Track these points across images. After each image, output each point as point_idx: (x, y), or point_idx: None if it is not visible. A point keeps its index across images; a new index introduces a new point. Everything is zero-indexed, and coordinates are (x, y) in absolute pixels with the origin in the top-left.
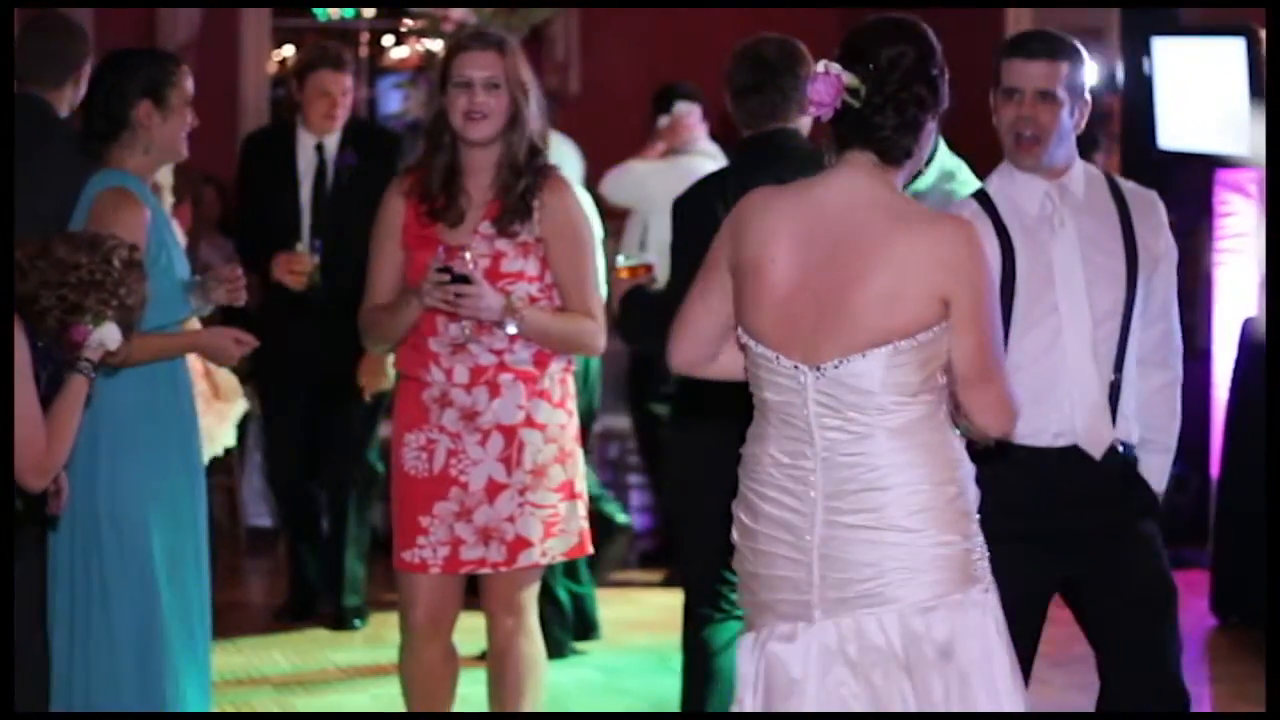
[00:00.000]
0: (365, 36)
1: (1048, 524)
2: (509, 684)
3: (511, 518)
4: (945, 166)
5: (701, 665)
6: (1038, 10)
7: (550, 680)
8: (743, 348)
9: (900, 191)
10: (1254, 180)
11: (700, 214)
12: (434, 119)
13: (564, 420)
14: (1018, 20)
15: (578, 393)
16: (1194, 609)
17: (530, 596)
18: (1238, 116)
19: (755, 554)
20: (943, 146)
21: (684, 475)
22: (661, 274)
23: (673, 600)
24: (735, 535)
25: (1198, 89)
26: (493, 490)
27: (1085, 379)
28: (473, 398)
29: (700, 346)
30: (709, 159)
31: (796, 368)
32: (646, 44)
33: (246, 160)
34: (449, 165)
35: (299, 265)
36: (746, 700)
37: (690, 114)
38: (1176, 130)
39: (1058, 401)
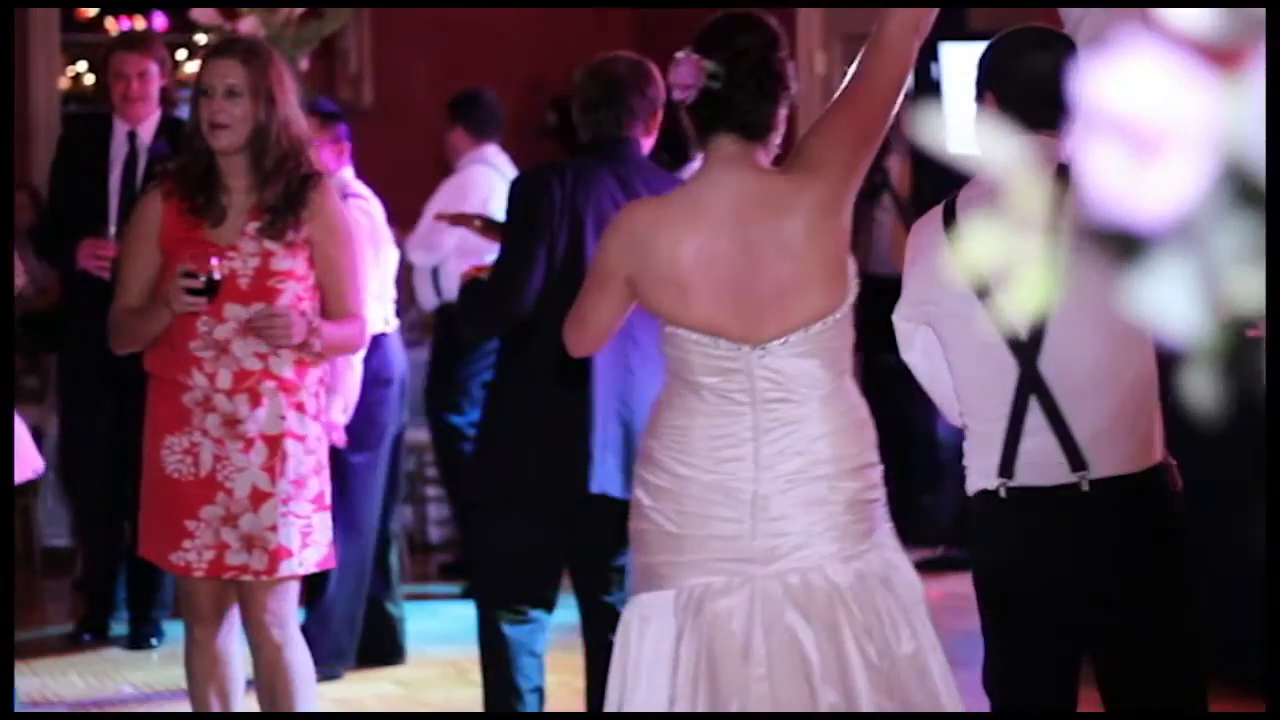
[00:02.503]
0: None
1: None
2: (284, 697)
3: (274, 527)
4: None
5: (501, 662)
6: (829, 10)
7: (347, 695)
8: (668, 338)
9: (763, 165)
10: None
11: (536, 194)
12: (191, 124)
13: (319, 433)
14: (809, 21)
15: (396, 408)
16: None
17: (293, 607)
18: None
19: (681, 514)
20: None
21: (486, 486)
22: None
23: (471, 612)
24: (645, 499)
25: None
26: (257, 498)
27: None
28: (234, 405)
29: (602, 341)
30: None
31: (739, 348)
32: (440, 52)
33: (61, 146)
34: (204, 168)
35: (104, 251)
36: (663, 654)
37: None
38: (966, 135)
39: None
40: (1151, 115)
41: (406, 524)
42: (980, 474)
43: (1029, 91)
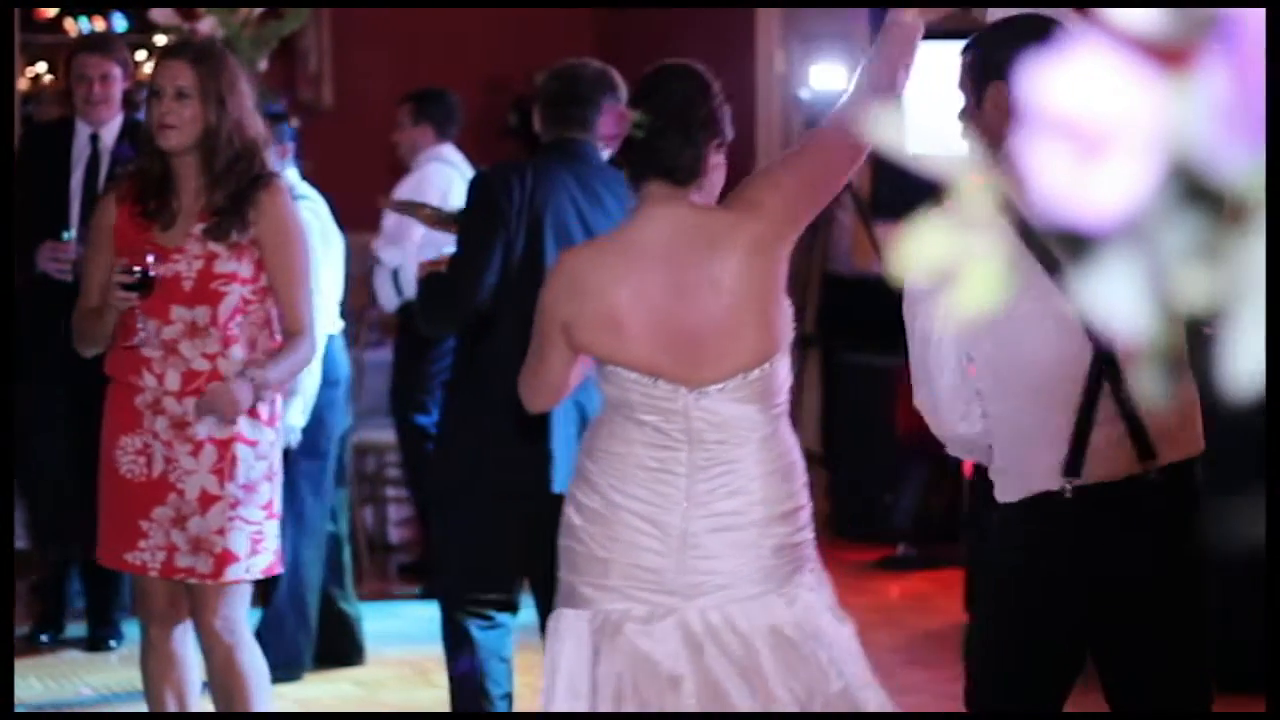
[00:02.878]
0: None
1: None
2: (238, 700)
3: (221, 530)
4: None
5: (471, 669)
6: (787, 10)
7: (305, 696)
8: (606, 376)
9: (701, 206)
10: None
11: (496, 191)
12: (145, 125)
13: (273, 438)
14: (767, 27)
15: (339, 415)
16: (949, 608)
17: (244, 611)
18: None
19: (611, 540)
20: None
21: (446, 484)
22: None
23: (431, 613)
24: (576, 518)
25: (943, 92)
26: (205, 501)
27: None
28: (184, 407)
29: (556, 397)
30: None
31: (676, 390)
32: (400, 53)
33: (24, 148)
34: (161, 171)
35: (64, 254)
36: (580, 672)
37: None
38: (923, 134)
39: None
40: (1097, 115)
41: (366, 525)
42: (1039, 476)
43: None
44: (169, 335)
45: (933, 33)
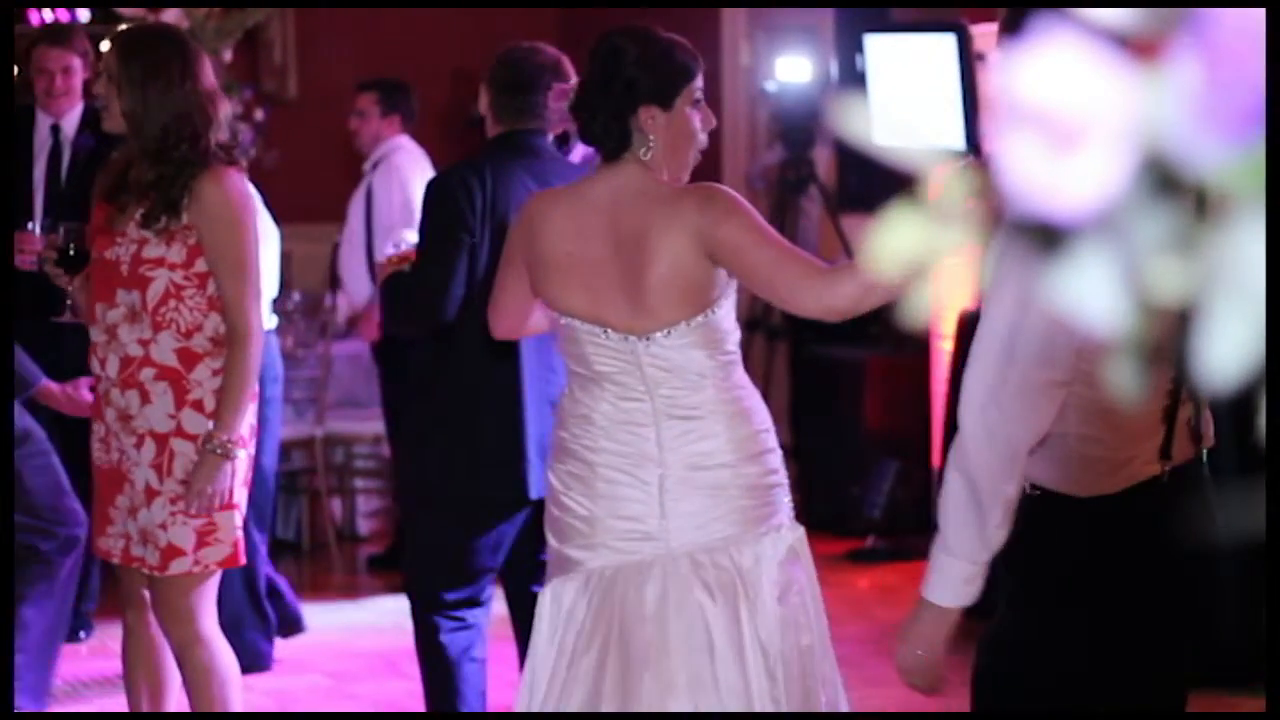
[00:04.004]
0: None
1: None
2: (200, 695)
3: (164, 525)
4: None
5: (444, 670)
6: (753, 9)
7: (275, 687)
8: (562, 332)
9: (653, 176)
10: None
11: (459, 199)
12: None
13: None
14: (733, 20)
15: (275, 412)
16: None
17: (201, 605)
18: (950, 112)
19: (593, 497)
20: None
21: (418, 485)
22: None
23: (401, 605)
24: (557, 485)
25: (910, 85)
26: (149, 494)
27: None
28: (126, 399)
29: (517, 319)
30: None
31: (626, 339)
32: (365, 44)
33: None
34: (127, 156)
35: (29, 244)
36: (570, 637)
37: None
38: (891, 126)
39: None
40: (1071, 107)
41: (334, 517)
42: (1141, 461)
43: None
44: (112, 319)
45: (905, 26)
